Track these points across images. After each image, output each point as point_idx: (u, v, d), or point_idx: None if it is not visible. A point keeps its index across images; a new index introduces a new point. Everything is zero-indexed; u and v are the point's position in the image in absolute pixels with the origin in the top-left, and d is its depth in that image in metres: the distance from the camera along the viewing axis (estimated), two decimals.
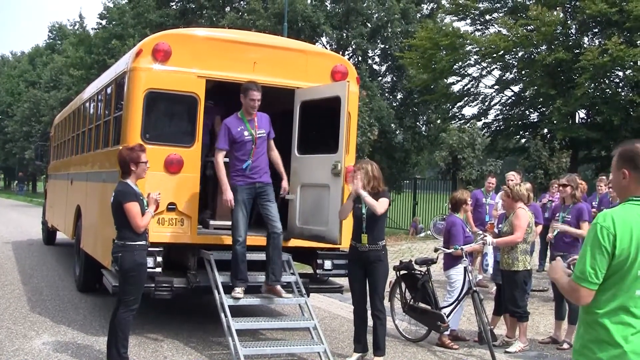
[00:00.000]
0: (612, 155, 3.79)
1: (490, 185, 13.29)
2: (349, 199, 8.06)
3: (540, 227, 11.12)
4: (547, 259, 12.90)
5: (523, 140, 34.34)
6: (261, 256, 8.57)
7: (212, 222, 9.60)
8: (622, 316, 3.60)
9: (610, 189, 9.32)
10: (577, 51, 28.14)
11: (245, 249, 8.30)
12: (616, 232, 3.55)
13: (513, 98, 34.41)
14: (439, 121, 39.22)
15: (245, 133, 8.20)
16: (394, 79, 43.04)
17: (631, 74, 26.61)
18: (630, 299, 3.60)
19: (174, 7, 44.61)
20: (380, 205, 7.80)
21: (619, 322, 3.59)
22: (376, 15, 39.16)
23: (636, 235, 3.56)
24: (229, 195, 8.10)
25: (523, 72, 31.93)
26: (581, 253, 3.65)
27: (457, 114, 36.14)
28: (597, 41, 29.90)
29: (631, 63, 26.20)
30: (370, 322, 8.09)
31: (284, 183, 8.69)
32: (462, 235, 9.18)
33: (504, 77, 33.68)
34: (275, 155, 8.58)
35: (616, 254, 3.56)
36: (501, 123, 35.03)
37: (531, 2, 30.58)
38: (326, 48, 36.52)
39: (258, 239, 8.85)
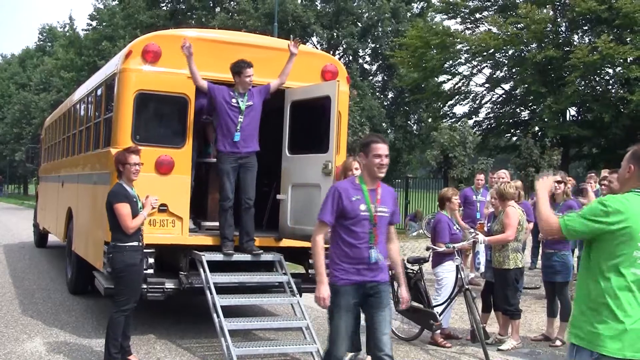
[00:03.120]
0: (627, 150, 4.24)
1: (479, 182, 13.31)
2: None
3: (531, 225, 11.14)
4: (539, 257, 12.92)
5: (514, 138, 34.45)
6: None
7: (203, 223, 9.59)
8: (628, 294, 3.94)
9: (603, 187, 9.35)
10: (567, 49, 28.26)
11: None
12: (617, 209, 3.92)
13: (504, 96, 34.53)
14: (430, 120, 39.33)
15: (362, 207, 5.73)
16: (385, 78, 43.18)
17: (621, 71, 26.76)
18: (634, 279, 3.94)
19: (164, 8, 44.63)
20: None
21: (625, 301, 3.92)
22: (366, 14, 39.28)
23: (637, 220, 3.92)
24: (323, 292, 5.76)
25: (513, 70, 32.08)
26: (582, 210, 4.13)
27: (448, 113, 36.26)
28: (587, 39, 30.03)
29: (621, 60, 26.33)
30: (363, 322, 8.08)
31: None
32: (448, 232, 9.17)
33: (494, 76, 33.80)
34: (395, 249, 6.25)
35: (615, 232, 3.90)
36: (492, 121, 35.15)
37: (521, 0, 30.70)
38: (317, 48, 36.53)
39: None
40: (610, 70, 28.65)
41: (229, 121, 8.64)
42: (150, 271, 8.36)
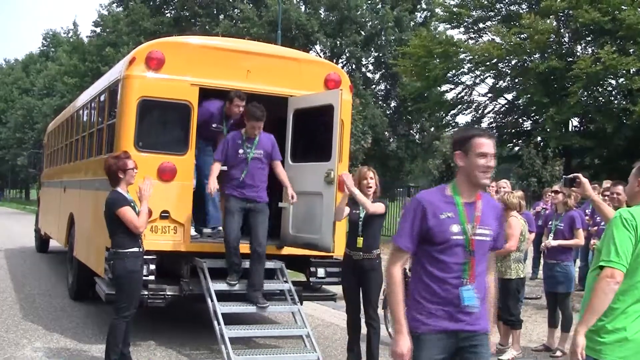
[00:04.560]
0: (633, 166, 4.44)
1: None
2: (342, 200, 7.96)
3: (533, 235, 11.14)
4: (540, 267, 12.92)
5: (516, 149, 34.44)
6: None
7: (205, 230, 9.59)
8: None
9: (606, 197, 9.35)
10: (570, 59, 28.25)
11: None
12: (637, 222, 3.99)
13: (506, 106, 34.53)
14: (432, 129, 39.33)
15: (455, 228, 4.15)
16: (388, 87, 43.19)
17: (624, 82, 26.72)
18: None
19: (168, 15, 44.73)
20: (373, 205, 7.73)
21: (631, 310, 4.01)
22: (370, 23, 39.30)
23: None
24: (402, 345, 4.12)
25: (516, 80, 32.05)
26: (606, 242, 4.02)
27: (451, 122, 36.22)
28: (590, 49, 30.04)
29: (624, 71, 26.31)
30: (363, 330, 8.07)
31: None
32: None
33: (497, 85, 33.78)
34: (490, 281, 4.47)
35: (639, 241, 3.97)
36: (494, 131, 35.11)
37: (524, 10, 30.73)
38: (320, 56, 36.58)
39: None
40: (613, 81, 28.62)
41: (235, 169, 8.53)
42: (152, 277, 8.37)
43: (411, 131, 42.76)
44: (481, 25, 33.62)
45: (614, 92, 29.46)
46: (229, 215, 8.46)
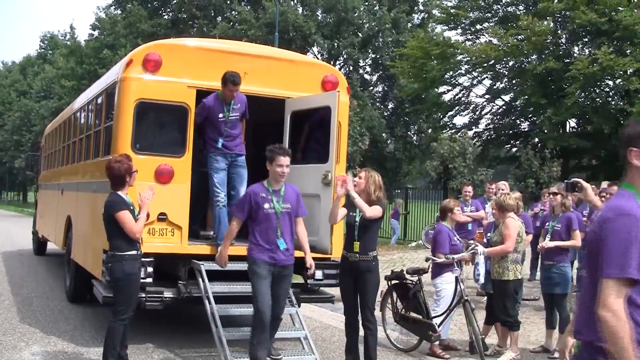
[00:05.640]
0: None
1: (467, 194, 13.28)
2: (336, 202, 7.88)
3: (530, 237, 11.14)
4: (538, 268, 12.91)
5: (514, 150, 34.46)
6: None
7: (202, 233, 9.58)
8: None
9: (603, 198, 9.37)
10: (568, 60, 28.30)
11: None
12: None
13: (504, 107, 34.56)
14: (430, 130, 39.32)
15: None
16: (385, 88, 43.22)
17: (621, 83, 26.76)
18: None
19: (166, 17, 44.74)
20: (370, 209, 7.69)
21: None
22: (367, 25, 39.31)
23: None
24: None
25: (514, 82, 32.09)
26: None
27: (448, 123, 36.28)
28: (587, 50, 30.09)
29: (621, 72, 26.35)
30: (361, 332, 8.07)
31: None
32: (448, 243, 9.18)
33: (494, 87, 33.85)
34: None
35: None
36: (492, 132, 35.17)
37: (522, 11, 30.79)
38: (317, 58, 36.63)
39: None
40: (610, 82, 28.66)
41: (263, 228, 7.41)
42: (149, 280, 8.35)
43: (409, 133, 42.77)
44: (478, 26, 33.70)
45: (611, 93, 29.52)
46: (259, 280, 7.31)
